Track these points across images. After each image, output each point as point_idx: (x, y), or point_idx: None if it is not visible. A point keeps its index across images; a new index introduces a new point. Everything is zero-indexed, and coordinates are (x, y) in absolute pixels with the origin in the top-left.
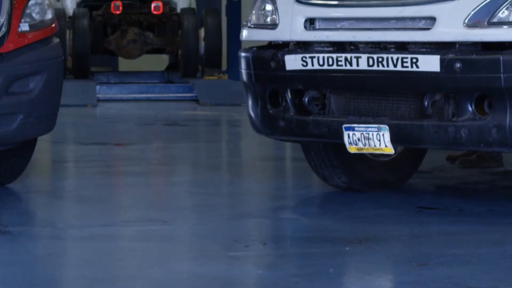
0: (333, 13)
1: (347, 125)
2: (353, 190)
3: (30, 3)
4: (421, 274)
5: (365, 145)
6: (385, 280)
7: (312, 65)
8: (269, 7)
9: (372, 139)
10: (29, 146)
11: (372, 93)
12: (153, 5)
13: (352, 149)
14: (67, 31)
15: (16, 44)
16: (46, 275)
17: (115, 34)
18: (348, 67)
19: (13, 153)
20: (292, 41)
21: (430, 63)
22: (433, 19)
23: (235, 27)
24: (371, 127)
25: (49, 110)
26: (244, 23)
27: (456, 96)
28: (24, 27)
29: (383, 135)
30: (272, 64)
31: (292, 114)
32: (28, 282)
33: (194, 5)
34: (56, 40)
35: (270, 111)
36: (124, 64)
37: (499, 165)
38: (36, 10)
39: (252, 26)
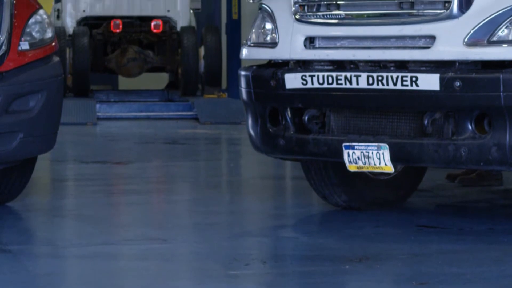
0: (333, 31)
1: (347, 144)
2: (353, 209)
3: (30, 21)
4: None
5: (365, 163)
6: None
7: (312, 83)
8: (269, 25)
9: (372, 157)
10: (29, 164)
11: (372, 112)
12: (153, 23)
13: (352, 167)
14: (67, 50)
15: (16, 63)
16: None
17: (115, 53)
18: (348, 85)
19: (13, 171)
20: (292, 60)
21: (430, 82)
22: (432, 38)
23: (235, 45)
24: (371, 145)
25: (49, 128)
26: (244, 41)
27: (456, 114)
28: (24, 45)
29: (383, 153)
30: (272, 83)
31: (292, 132)
32: None
33: (194, 24)
34: (56, 58)
35: (270, 130)
36: (124, 83)
37: (499, 183)
38: (36, 29)
39: (252, 44)
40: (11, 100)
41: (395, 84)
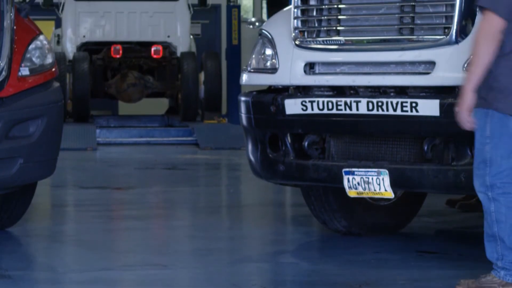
0: (333, 57)
1: (347, 169)
2: (353, 234)
3: (30, 47)
4: None
5: (365, 189)
6: None
7: (312, 109)
8: (269, 51)
9: (371, 183)
10: (29, 190)
11: (371, 137)
12: (153, 49)
13: (352, 193)
14: (67, 75)
15: (16, 88)
16: None
17: (115, 78)
18: (348, 111)
19: (13, 197)
20: (292, 86)
21: (429, 108)
22: (432, 64)
23: (235, 71)
24: (370, 171)
25: (49, 154)
26: (244, 67)
27: (456, 140)
28: (25, 71)
29: (382, 179)
30: (272, 108)
31: (292, 158)
32: None
33: (194, 49)
34: (56, 84)
35: (270, 155)
36: (124, 108)
37: None
38: (37, 54)
39: (252, 70)
40: (11, 126)
41: (395, 110)
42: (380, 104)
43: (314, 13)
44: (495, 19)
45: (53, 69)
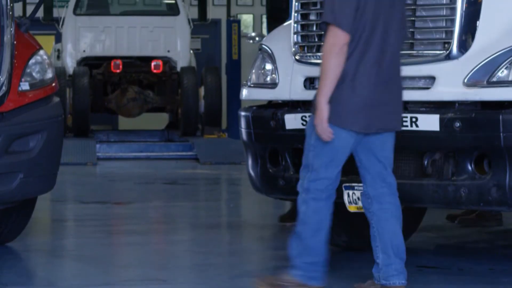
0: None
1: (347, 184)
2: (353, 249)
3: (30, 62)
4: None
5: None
6: None
7: None
8: (269, 66)
9: None
10: (29, 205)
11: None
12: (153, 63)
13: (352, 208)
14: (67, 89)
15: (16, 103)
16: None
17: (115, 93)
18: None
19: (13, 212)
20: (292, 100)
21: (429, 122)
22: (432, 79)
23: (235, 85)
24: None
25: (49, 169)
26: (244, 82)
27: (456, 155)
28: (25, 86)
29: None
30: (272, 123)
31: (292, 173)
32: None
33: (194, 64)
34: (56, 99)
35: (270, 170)
36: (124, 123)
37: (499, 224)
38: (37, 69)
39: (252, 85)
40: (11, 141)
41: None
42: None
43: (314, 28)
44: (339, 33)
45: (53, 84)
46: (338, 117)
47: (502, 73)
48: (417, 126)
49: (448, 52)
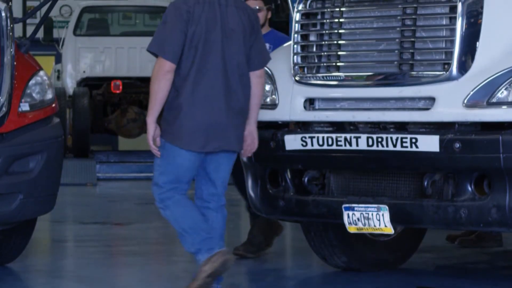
0: (333, 93)
1: (347, 205)
2: (353, 270)
3: (30, 83)
4: None
5: (364, 225)
6: None
7: (312, 145)
8: (268, 87)
9: (371, 219)
10: (28, 225)
11: (371, 173)
12: None
13: (351, 229)
14: (67, 110)
15: (16, 124)
16: None
17: (115, 113)
18: (348, 147)
19: (13, 232)
20: (291, 121)
21: (429, 143)
22: (432, 99)
23: None
24: (370, 207)
25: (49, 190)
26: None
27: (456, 176)
28: (25, 107)
29: (382, 215)
30: (272, 144)
31: (291, 194)
32: None
33: None
34: (56, 119)
35: (270, 191)
36: (124, 143)
37: (499, 244)
38: (37, 90)
39: None
40: (11, 161)
41: (394, 146)
42: (380, 140)
43: (314, 49)
44: (163, 61)
45: (53, 105)
46: (178, 139)
47: (502, 94)
48: (417, 147)
49: (448, 73)
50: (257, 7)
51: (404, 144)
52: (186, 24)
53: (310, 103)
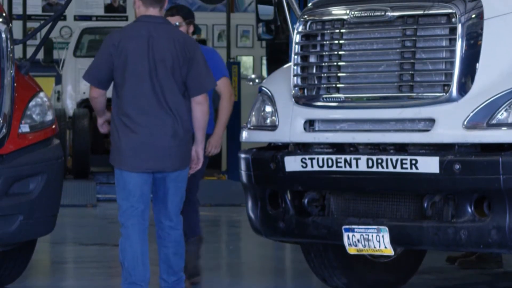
0: (333, 115)
1: (347, 226)
2: None
3: (30, 104)
4: None
5: (364, 246)
6: None
7: (312, 166)
8: (268, 108)
9: (371, 240)
10: (28, 246)
11: (371, 195)
12: None
13: (351, 250)
14: (67, 131)
15: (16, 145)
16: None
17: None
18: (348, 168)
19: (13, 254)
20: (291, 143)
21: (429, 165)
22: (432, 121)
23: (235, 127)
24: (370, 228)
25: (49, 211)
26: (244, 124)
27: (456, 197)
28: (25, 128)
29: (382, 236)
30: (272, 166)
31: (291, 215)
32: None
33: None
34: (56, 141)
35: (270, 212)
36: None
37: (499, 266)
38: (37, 111)
39: (252, 127)
40: (11, 183)
41: (394, 167)
42: (379, 161)
43: (314, 71)
44: (92, 88)
45: (53, 126)
46: (118, 161)
47: (501, 115)
48: (417, 168)
49: (447, 94)
50: (177, 23)
51: (404, 166)
52: (111, 56)
53: (310, 124)
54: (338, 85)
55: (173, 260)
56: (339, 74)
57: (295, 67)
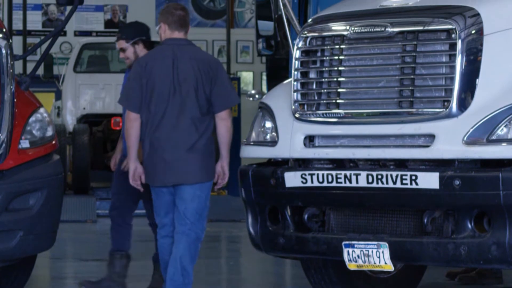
0: (333, 130)
1: (347, 242)
2: None
3: (30, 120)
4: None
5: (364, 262)
6: None
7: (312, 182)
8: (268, 124)
9: (371, 256)
10: (28, 262)
11: (371, 210)
12: None
13: (351, 266)
14: (67, 147)
15: (16, 161)
16: None
17: (115, 150)
18: (348, 184)
19: (13, 269)
20: (291, 158)
21: (429, 180)
22: (432, 137)
23: (234, 143)
24: (370, 244)
25: (49, 226)
26: (244, 140)
27: (456, 213)
28: (25, 144)
29: (382, 252)
30: (272, 181)
31: (291, 231)
32: None
33: None
34: (56, 156)
35: (270, 228)
36: None
37: (499, 281)
38: (37, 127)
39: (251, 143)
40: (11, 198)
41: (394, 183)
42: (379, 177)
43: (314, 86)
44: (129, 113)
45: (53, 142)
46: (147, 177)
47: (501, 131)
48: (416, 184)
49: (447, 110)
50: (122, 47)
51: (404, 181)
52: (140, 77)
53: (310, 140)
54: (338, 101)
55: (183, 261)
56: (339, 90)
57: (295, 83)
